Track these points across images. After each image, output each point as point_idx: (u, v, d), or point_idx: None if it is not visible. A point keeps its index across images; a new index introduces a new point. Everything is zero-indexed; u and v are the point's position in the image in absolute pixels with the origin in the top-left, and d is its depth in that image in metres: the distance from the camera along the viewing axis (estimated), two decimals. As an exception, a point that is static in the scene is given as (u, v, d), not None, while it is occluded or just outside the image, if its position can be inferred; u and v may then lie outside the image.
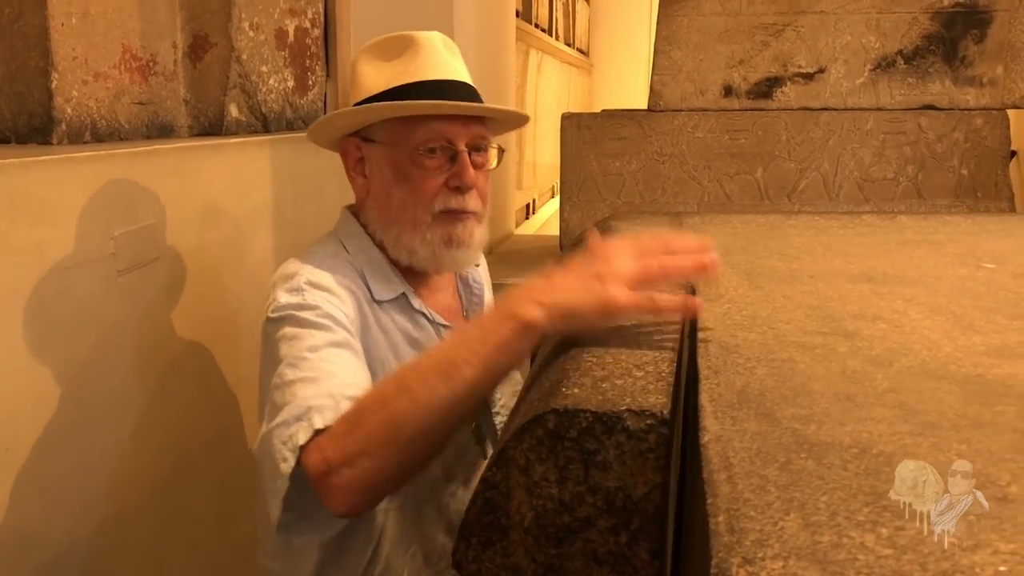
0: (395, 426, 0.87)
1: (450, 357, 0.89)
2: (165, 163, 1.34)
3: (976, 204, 3.00)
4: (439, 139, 1.13)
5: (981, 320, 0.91)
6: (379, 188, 1.17)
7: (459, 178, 1.14)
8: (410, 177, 1.13)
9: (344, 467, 0.88)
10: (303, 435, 0.91)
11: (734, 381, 0.73)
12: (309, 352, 1.01)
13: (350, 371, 1.01)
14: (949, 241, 1.39)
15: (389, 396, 0.90)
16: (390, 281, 1.19)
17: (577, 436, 0.68)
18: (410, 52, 1.17)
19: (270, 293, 1.11)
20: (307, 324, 1.04)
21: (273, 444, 0.94)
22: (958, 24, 2.93)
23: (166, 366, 1.34)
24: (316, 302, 1.06)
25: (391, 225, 1.17)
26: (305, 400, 0.95)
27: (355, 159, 1.20)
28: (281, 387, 0.99)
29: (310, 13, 2.03)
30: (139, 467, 1.28)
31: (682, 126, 3.13)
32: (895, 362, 0.77)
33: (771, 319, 0.92)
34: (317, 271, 1.11)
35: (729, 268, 1.19)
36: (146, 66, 1.56)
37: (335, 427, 0.91)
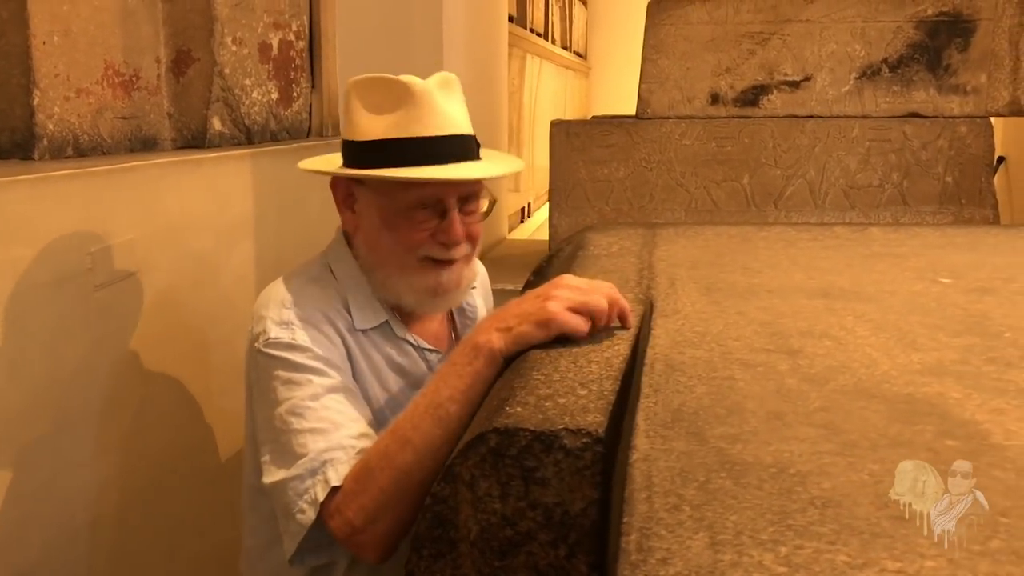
0: (405, 477, 0.95)
1: (435, 400, 0.97)
2: (142, 179, 1.37)
3: (960, 211, 3.03)
4: (430, 200, 1.14)
5: (924, 337, 0.94)
6: (368, 229, 1.19)
7: (446, 235, 1.15)
8: (398, 227, 1.15)
9: (368, 525, 0.97)
10: (321, 491, 0.99)
11: (672, 400, 0.76)
12: (311, 401, 1.06)
13: (351, 417, 1.07)
14: (913, 255, 1.42)
15: (392, 451, 0.97)
16: (374, 309, 1.20)
17: (517, 454, 0.71)
18: (406, 103, 1.14)
19: (258, 318, 1.13)
20: (303, 368, 1.08)
21: (289, 495, 1.02)
22: (942, 33, 2.96)
23: (143, 379, 1.37)
24: (307, 343, 1.09)
25: (379, 266, 1.19)
26: (318, 454, 1.01)
27: (345, 195, 1.21)
28: (288, 434, 1.05)
29: (295, 26, 2.06)
30: (116, 477, 1.31)
31: (669, 133, 3.16)
32: (831, 380, 0.80)
33: (721, 336, 0.95)
34: (305, 301, 1.13)
35: (691, 283, 1.22)
36: (129, 81, 1.60)
37: (349, 486, 0.99)
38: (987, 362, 0.85)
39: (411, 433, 0.96)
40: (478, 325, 1.02)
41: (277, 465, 1.04)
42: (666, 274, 1.28)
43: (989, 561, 0.49)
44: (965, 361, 0.85)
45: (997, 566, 0.49)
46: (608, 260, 1.41)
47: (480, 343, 0.96)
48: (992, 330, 0.96)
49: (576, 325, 0.93)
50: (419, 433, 0.95)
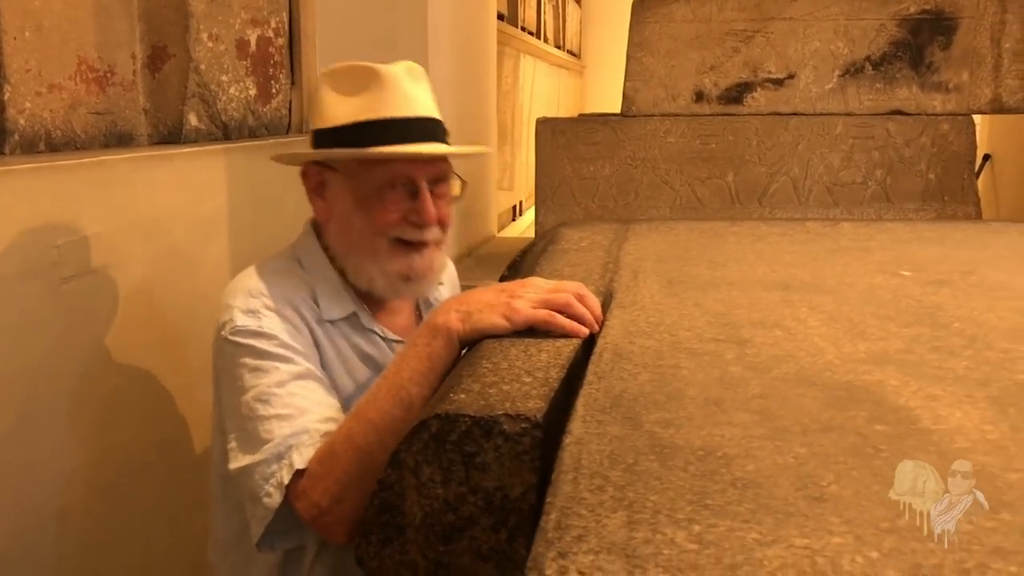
0: (368, 457, 0.96)
1: (396, 381, 0.99)
2: (113, 173, 1.38)
3: (943, 208, 3.04)
4: (400, 178, 1.16)
5: (873, 327, 0.95)
6: (340, 214, 1.20)
7: (418, 215, 1.16)
8: (370, 208, 1.16)
9: (334, 505, 0.99)
10: (287, 474, 1.01)
11: (614, 387, 0.77)
12: (277, 388, 1.07)
13: (317, 403, 1.08)
14: (879, 249, 1.43)
15: (354, 431, 0.99)
16: (341, 300, 1.21)
17: (458, 439, 0.72)
18: (374, 87, 1.17)
19: (225, 306, 1.14)
20: (269, 356, 1.09)
21: (255, 480, 1.03)
22: (924, 31, 2.97)
23: (114, 372, 1.38)
24: (273, 330, 1.10)
25: (351, 252, 1.20)
26: (284, 439, 1.03)
27: (316, 182, 1.22)
28: (254, 420, 1.06)
29: (273, 23, 2.07)
30: (85, 469, 1.32)
31: (654, 131, 3.18)
32: (774, 369, 0.81)
33: (674, 326, 0.96)
34: (272, 291, 1.15)
35: (654, 276, 1.23)
36: (103, 77, 1.60)
37: (314, 469, 1.00)
38: (931, 351, 0.86)
39: (373, 414, 0.97)
40: (439, 307, 1.02)
41: (243, 451, 1.06)
42: (631, 267, 1.29)
43: (895, 538, 0.50)
44: (909, 350, 0.86)
45: (902, 543, 0.50)
46: (576, 254, 1.42)
47: (439, 324, 0.98)
48: (942, 320, 0.97)
49: (541, 317, 0.94)
50: (381, 414, 0.97)
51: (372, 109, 1.16)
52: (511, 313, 0.94)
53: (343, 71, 1.19)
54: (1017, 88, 2.92)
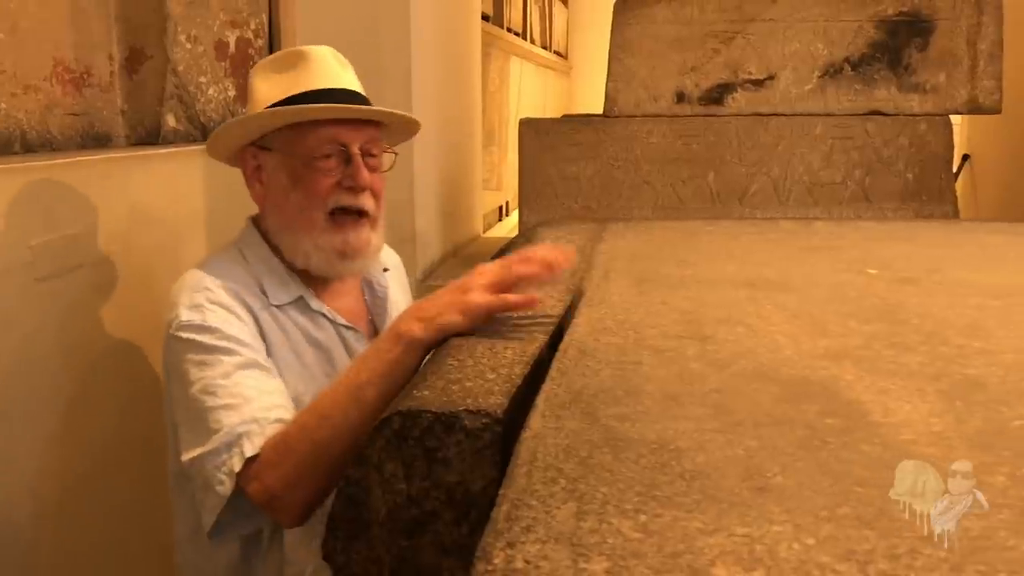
0: (321, 451, 1.00)
1: (355, 382, 1.02)
2: (88, 174, 1.38)
3: (921, 208, 3.07)
4: (332, 143, 1.19)
5: (834, 324, 0.96)
6: (276, 194, 1.22)
7: (353, 178, 1.18)
8: (304, 180, 1.19)
9: (286, 491, 1.03)
10: (238, 461, 1.04)
11: (575, 382, 0.78)
12: (222, 379, 1.10)
13: (264, 391, 1.10)
14: (849, 247, 1.45)
15: (311, 426, 1.02)
16: (287, 285, 1.24)
17: (420, 435, 0.74)
18: (301, 64, 1.23)
19: (171, 304, 1.17)
20: (213, 349, 1.11)
21: (207, 469, 1.06)
22: (902, 33, 3.00)
23: (91, 369, 1.39)
24: (216, 323, 1.13)
25: (287, 230, 1.22)
26: (232, 427, 1.05)
27: (252, 167, 1.25)
28: (202, 412, 1.08)
29: (253, 24, 2.08)
30: (58, 469, 1.32)
31: (636, 132, 3.19)
32: (733, 365, 0.83)
33: (640, 324, 0.98)
34: (215, 284, 1.17)
35: (625, 275, 1.24)
36: (80, 78, 1.61)
37: (267, 456, 1.03)
38: (888, 347, 0.88)
39: (330, 410, 1.00)
40: (403, 313, 1.06)
41: (194, 443, 1.08)
42: (602, 267, 1.30)
43: (833, 526, 0.52)
44: (867, 346, 0.88)
45: (839, 530, 0.51)
46: (550, 253, 1.43)
47: (402, 331, 1.01)
48: (902, 317, 0.99)
49: (493, 305, 0.96)
50: (337, 410, 1.00)
51: (300, 83, 1.21)
52: (466, 308, 0.97)
53: (271, 59, 1.28)
54: (993, 89, 2.95)
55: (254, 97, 1.24)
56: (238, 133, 1.23)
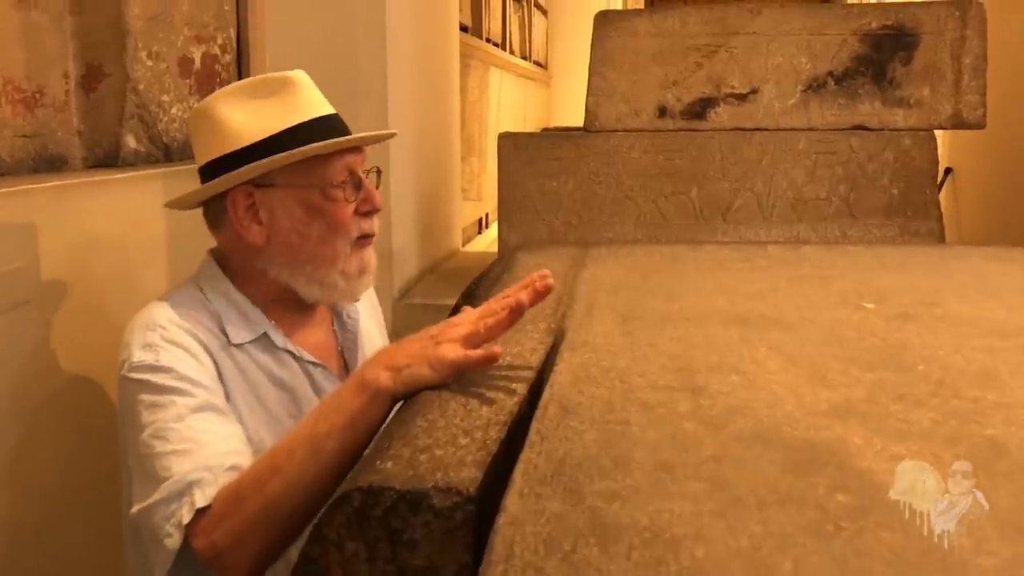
0: (273, 506, 0.92)
1: (313, 432, 0.94)
2: (35, 202, 1.29)
3: (906, 224, 3.03)
4: (345, 170, 1.16)
5: (836, 372, 0.90)
6: (288, 229, 1.15)
7: (370, 203, 1.18)
8: (325, 212, 1.15)
9: (233, 548, 0.94)
10: (187, 513, 0.96)
11: (557, 449, 0.71)
12: (175, 422, 1.02)
13: (219, 436, 1.03)
14: (840, 276, 1.39)
15: (263, 478, 0.94)
16: (249, 321, 1.17)
17: (383, 515, 0.66)
18: (287, 91, 1.17)
19: (124, 344, 1.10)
20: (166, 390, 1.04)
21: (155, 520, 0.98)
22: (886, 47, 2.97)
23: (40, 410, 1.29)
24: (170, 363, 1.06)
25: (304, 264, 1.16)
26: (183, 475, 0.98)
27: (244, 207, 1.16)
28: (152, 458, 1.01)
29: (220, 39, 1.99)
30: (8, 516, 1.23)
31: (617, 146, 3.13)
32: (730, 424, 0.76)
33: (626, 371, 0.90)
34: (171, 322, 1.10)
35: (609, 310, 1.17)
36: (31, 98, 1.52)
37: (217, 508, 0.95)
38: (895, 400, 0.81)
39: (284, 463, 0.93)
40: (371, 358, 0.99)
41: (143, 492, 1.01)
42: (585, 300, 1.23)
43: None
44: (873, 399, 0.81)
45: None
46: (530, 284, 1.36)
47: (368, 379, 0.93)
48: (907, 362, 0.92)
49: (466, 361, 0.90)
50: (292, 464, 0.92)
51: (296, 112, 1.15)
52: (436, 362, 0.91)
53: (240, 86, 1.20)
54: (977, 104, 2.92)
55: (229, 128, 1.14)
56: (237, 176, 1.13)
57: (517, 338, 1.06)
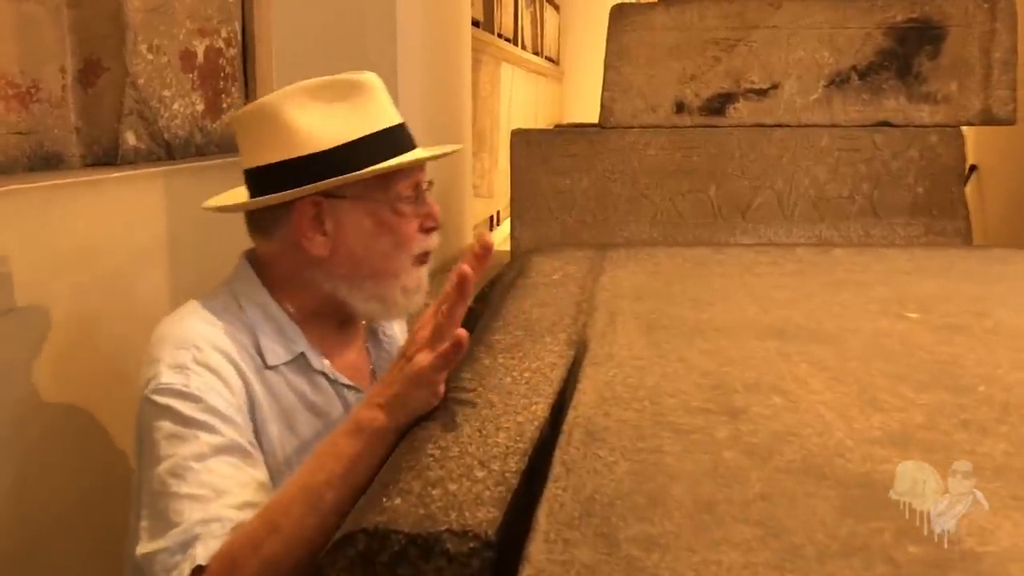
0: (271, 568, 0.86)
1: (310, 484, 0.88)
2: (27, 204, 1.23)
3: (932, 223, 2.94)
4: (412, 187, 1.13)
5: (885, 392, 0.82)
6: (354, 242, 1.10)
7: (433, 218, 1.14)
8: (392, 226, 1.10)
9: None
10: (187, 568, 0.89)
11: (585, 484, 0.63)
12: (195, 461, 0.95)
13: (239, 483, 0.96)
14: (878, 282, 1.31)
15: (258, 539, 0.87)
16: (288, 340, 1.10)
17: (389, 560, 0.59)
18: (359, 96, 1.11)
19: (151, 360, 1.01)
20: (191, 423, 0.97)
21: (155, 570, 0.92)
22: (912, 40, 2.87)
23: (33, 422, 1.23)
24: (199, 391, 0.98)
25: (365, 279, 1.11)
26: (192, 526, 0.91)
27: (310, 217, 1.09)
28: (166, 497, 0.94)
29: (224, 32, 1.92)
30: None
31: (633, 143, 3.05)
32: (776, 454, 0.68)
33: (656, 390, 0.83)
34: (205, 341, 1.02)
35: (632, 319, 1.10)
36: (26, 93, 1.45)
37: (212, 569, 0.89)
38: (959, 427, 0.73)
39: (281, 519, 0.85)
40: (365, 397, 0.92)
41: (151, 534, 0.94)
42: (606, 307, 1.16)
43: None
44: (933, 425, 0.73)
45: None
46: (547, 290, 1.29)
47: (363, 421, 0.88)
48: (964, 382, 0.84)
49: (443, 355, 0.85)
50: (289, 520, 0.84)
51: (369, 121, 1.10)
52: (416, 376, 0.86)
53: (315, 87, 1.10)
54: (1007, 99, 2.82)
55: (296, 132, 1.06)
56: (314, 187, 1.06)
57: (535, 351, 0.99)
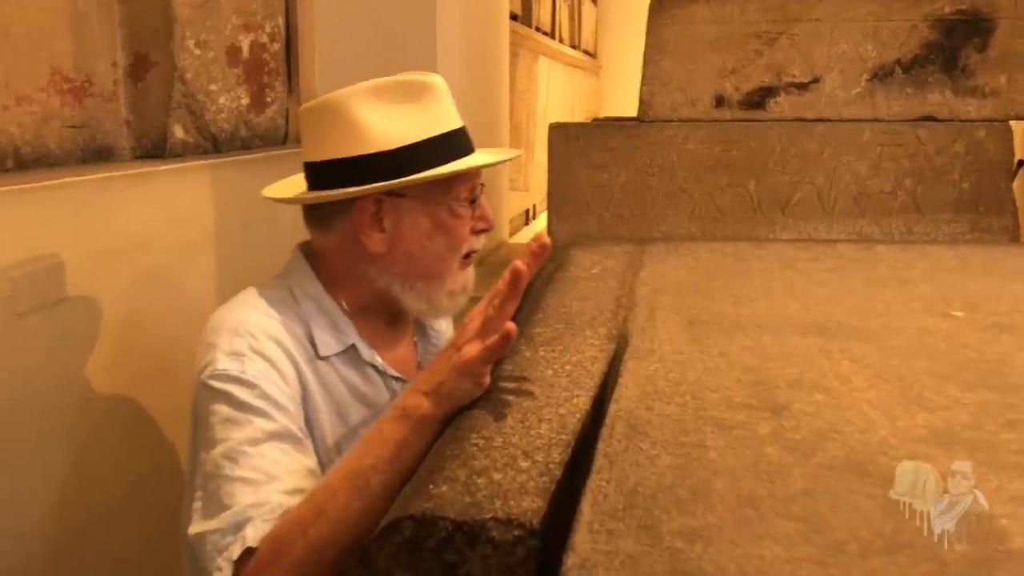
0: (317, 552, 0.88)
1: (357, 468, 0.89)
2: (79, 196, 1.26)
3: (978, 219, 2.89)
4: (469, 189, 1.15)
5: (931, 391, 0.81)
6: (411, 241, 1.12)
7: (485, 221, 1.16)
8: (449, 228, 1.12)
9: None
10: (238, 549, 0.92)
11: (628, 477, 0.64)
12: (249, 446, 0.97)
13: (289, 470, 0.98)
14: (923, 280, 1.29)
15: (306, 522, 0.89)
16: (340, 332, 1.12)
17: (436, 546, 0.60)
18: (426, 98, 1.12)
19: (207, 346, 1.04)
20: (246, 408, 0.99)
21: (207, 549, 0.95)
22: (959, 32, 2.82)
23: (85, 408, 1.27)
24: (255, 378, 1.00)
25: (418, 278, 1.13)
26: (244, 508, 0.94)
27: (371, 215, 1.11)
28: (219, 480, 0.97)
29: (268, 27, 1.95)
30: (52, 520, 1.21)
31: (672, 137, 3.03)
32: (819, 450, 0.68)
33: (697, 385, 0.83)
34: (260, 330, 1.05)
35: (673, 313, 1.10)
36: (80, 88, 1.49)
37: (262, 552, 0.91)
38: (1006, 426, 0.72)
39: (328, 503, 0.87)
40: (411, 384, 0.94)
41: (204, 514, 0.96)
42: (647, 302, 1.16)
43: None
44: (978, 425, 0.73)
45: None
46: (586, 284, 1.30)
47: (408, 408, 0.89)
48: (1012, 381, 0.84)
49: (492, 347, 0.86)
50: (336, 504, 0.86)
51: (435, 123, 1.12)
52: (465, 367, 0.87)
53: (384, 87, 1.11)
54: (1058, 93, 2.75)
55: (363, 129, 1.08)
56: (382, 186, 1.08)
57: (576, 344, 0.99)
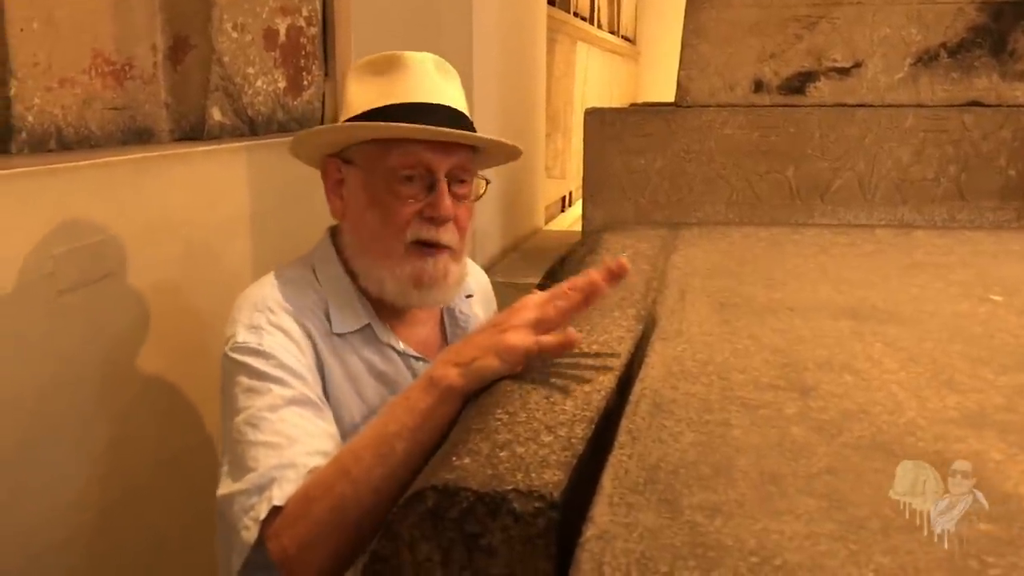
0: (340, 511, 0.89)
1: (381, 433, 0.90)
2: (118, 176, 1.29)
3: (1024, 207, 2.81)
4: (416, 165, 1.06)
5: (964, 374, 0.80)
6: (354, 213, 1.11)
7: (434, 208, 1.06)
8: (383, 203, 1.07)
9: (302, 554, 0.91)
10: (264, 508, 0.94)
11: (650, 453, 0.64)
12: (269, 412, 1.00)
13: (310, 432, 1.00)
14: (960, 265, 1.27)
15: (332, 481, 0.90)
16: (356, 312, 1.13)
17: (458, 517, 0.61)
18: (396, 72, 1.10)
19: (231, 321, 1.07)
20: (265, 377, 1.02)
21: (235, 511, 0.97)
22: (1008, 15, 2.74)
23: (124, 385, 1.30)
24: (272, 349, 1.03)
25: (363, 253, 1.12)
26: (268, 470, 0.96)
27: (335, 180, 1.13)
28: (243, 445, 0.99)
29: (305, 11, 1.97)
30: (92, 492, 1.24)
31: (710, 122, 3.00)
32: (845, 430, 0.68)
33: (725, 366, 0.83)
34: (279, 305, 1.07)
35: (704, 296, 1.09)
36: (121, 70, 1.52)
37: (289, 510, 0.93)
38: (1038, 410, 0.71)
39: (352, 465, 0.88)
40: (440, 356, 0.93)
41: (230, 477, 0.99)
42: (677, 284, 1.15)
43: None
44: (1011, 408, 0.72)
45: None
46: (618, 267, 1.29)
47: (436, 377, 0.88)
48: (1047, 366, 0.82)
49: (536, 347, 0.84)
50: (360, 466, 0.87)
51: (393, 94, 1.08)
52: (504, 351, 0.84)
53: (369, 61, 1.13)
54: (1111, 77, 2.67)
55: (346, 100, 1.12)
56: (320, 143, 1.11)
57: (604, 324, 0.99)
